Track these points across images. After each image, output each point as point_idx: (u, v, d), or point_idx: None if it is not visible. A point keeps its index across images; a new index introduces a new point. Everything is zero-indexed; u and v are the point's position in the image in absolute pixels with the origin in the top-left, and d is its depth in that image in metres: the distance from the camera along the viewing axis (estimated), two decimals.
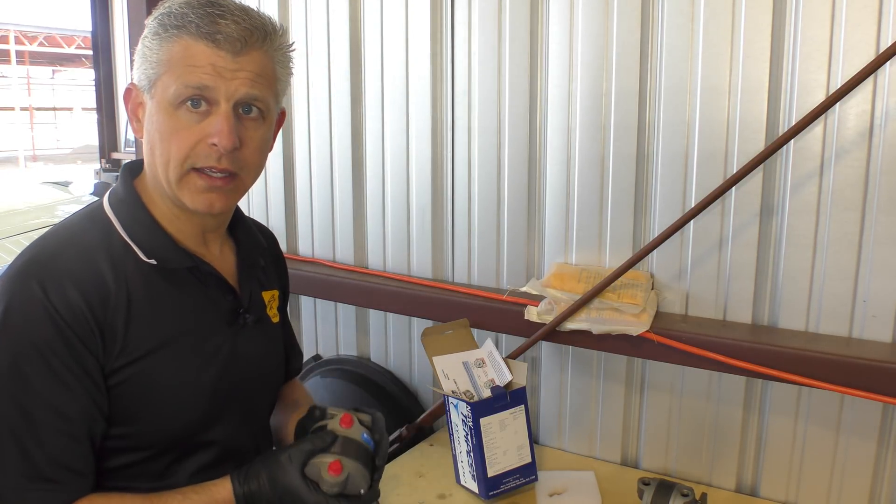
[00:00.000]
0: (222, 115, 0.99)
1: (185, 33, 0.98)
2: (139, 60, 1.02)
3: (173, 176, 1.01)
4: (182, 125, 0.99)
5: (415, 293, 1.90)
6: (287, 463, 1.01)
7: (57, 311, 0.94)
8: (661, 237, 1.59)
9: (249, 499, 1.01)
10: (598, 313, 1.62)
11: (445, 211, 1.97)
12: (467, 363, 1.66)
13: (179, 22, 0.98)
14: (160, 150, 1.01)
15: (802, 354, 1.43)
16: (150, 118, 1.02)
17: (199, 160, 1.00)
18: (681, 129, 1.60)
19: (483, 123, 1.85)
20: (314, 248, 2.22)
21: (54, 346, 0.94)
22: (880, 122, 1.41)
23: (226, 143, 0.99)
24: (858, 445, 1.53)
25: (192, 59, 0.98)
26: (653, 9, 1.60)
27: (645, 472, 1.76)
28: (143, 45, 1.02)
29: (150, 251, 1.03)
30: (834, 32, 1.43)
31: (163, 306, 1.03)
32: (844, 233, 1.47)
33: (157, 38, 1.00)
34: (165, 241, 1.05)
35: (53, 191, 5.57)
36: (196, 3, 0.99)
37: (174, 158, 1.00)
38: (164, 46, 0.99)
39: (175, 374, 1.03)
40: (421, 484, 1.67)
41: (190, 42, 0.98)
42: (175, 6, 1.00)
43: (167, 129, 0.99)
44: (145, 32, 1.02)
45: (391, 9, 1.95)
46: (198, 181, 1.01)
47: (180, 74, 0.98)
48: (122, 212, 1.05)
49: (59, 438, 0.95)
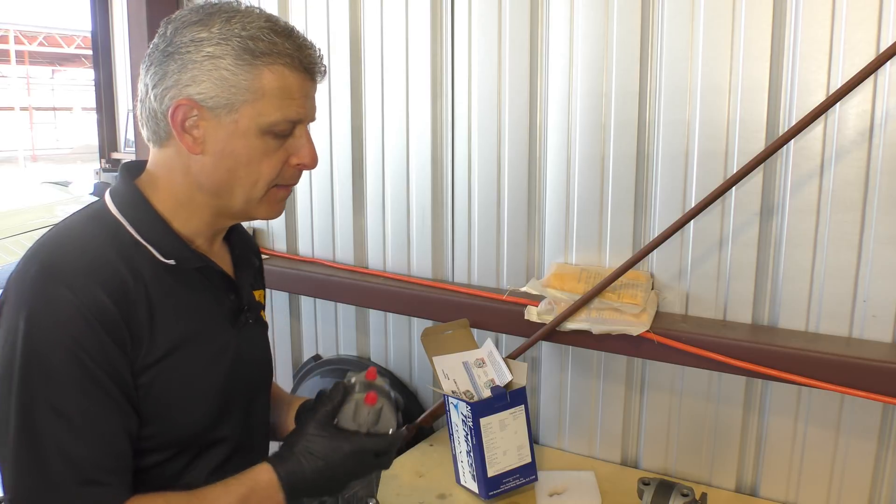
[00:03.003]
0: (307, 138, 1.07)
1: (280, 62, 1.00)
2: (210, 80, 0.99)
3: (258, 194, 1.06)
4: (270, 149, 1.03)
5: (415, 293, 1.90)
6: (318, 431, 1.07)
7: (90, 312, 0.94)
8: (661, 237, 1.59)
9: (292, 477, 1.04)
10: (598, 313, 1.62)
11: (445, 211, 1.97)
12: (467, 363, 1.66)
13: (271, 49, 0.99)
14: (246, 172, 1.03)
15: (802, 354, 1.43)
16: (228, 139, 1.01)
17: (283, 179, 1.07)
18: (681, 129, 1.60)
19: (483, 123, 1.85)
20: (314, 248, 2.22)
21: (89, 347, 0.94)
22: (880, 122, 1.41)
23: (314, 164, 1.08)
24: (858, 445, 1.53)
25: (290, 92, 1.02)
26: (653, 9, 1.60)
27: (645, 472, 1.76)
28: (214, 66, 0.99)
29: (167, 252, 1.04)
30: (834, 32, 1.43)
31: (178, 306, 1.04)
32: (844, 233, 1.47)
33: (242, 63, 0.99)
34: (179, 241, 1.06)
35: (53, 191, 5.58)
36: (278, 30, 1.01)
37: (263, 180, 1.05)
38: (253, 73, 0.99)
39: (192, 373, 1.05)
40: (421, 484, 1.67)
41: (286, 72, 1.01)
42: (254, 30, 0.99)
43: (256, 153, 1.03)
44: (212, 52, 0.98)
45: (391, 9, 1.95)
46: (278, 194, 1.09)
47: (279, 107, 1.01)
48: (130, 213, 1.05)
49: (100, 441, 0.95)
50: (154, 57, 1.02)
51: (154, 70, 1.02)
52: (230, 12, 1.01)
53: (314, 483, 1.06)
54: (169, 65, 1.00)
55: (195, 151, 1.02)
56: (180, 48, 0.99)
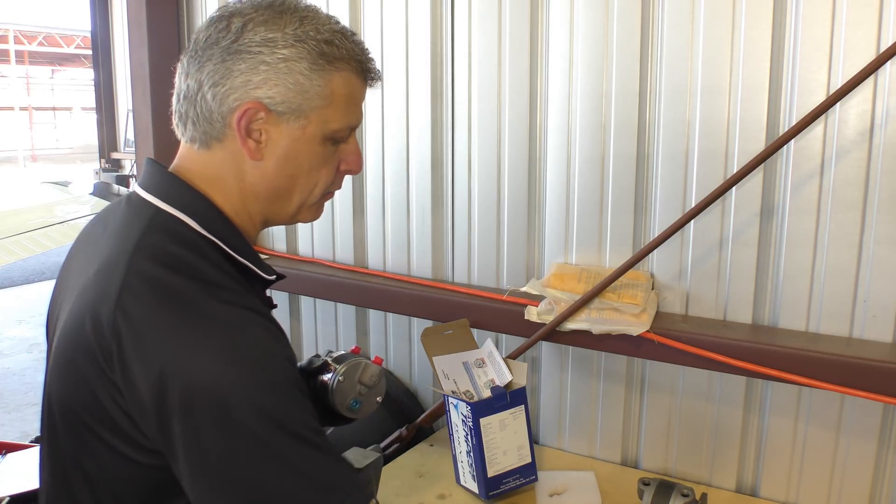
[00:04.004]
0: (356, 144, 1.06)
1: (348, 68, 0.99)
2: (282, 84, 0.94)
3: (314, 200, 1.05)
4: (329, 154, 1.03)
5: (415, 293, 1.90)
6: None
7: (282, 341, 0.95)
8: (661, 237, 1.59)
9: None
10: (598, 313, 1.62)
11: (445, 211, 1.97)
12: (467, 363, 1.66)
13: (342, 54, 0.97)
14: (307, 179, 1.02)
15: (802, 354, 1.43)
16: (294, 145, 0.98)
17: (334, 186, 1.07)
18: (681, 129, 1.60)
19: (483, 123, 1.85)
20: (314, 248, 2.22)
21: (300, 387, 0.93)
22: (881, 121, 1.41)
23: (360, 170, 1.08)
24: (859, 446, 1.53)
25: (355, 98, 1.02)
26: (653, 9, 1.60)
27: (645, 472, 1.76)
28: (288, 69, 0.94)
29: (265, 268, 1.04)
30: (834, 32, 1.42)
31: (274, 322, 1.02)
32: (845, 233, 1.47)
33: (317, 68, 0.96)
34: (257, 255, 1.04)
35: (53, 191, 5.57)
36: (347, 34, 0.99)
37: (320, 186, 1.04)
38: (326, 79, 0.97)
39: None
40: (421, 484, 1.67)
41: (352, 78, 1.00)
42: (330, 35, 0.97)
43: (318, 159, 1.02)
44: (286, 54, 0.94)
45: (391, 9, 1.95)
46: (323, 199, 1.08)
47: (345, 114, 1.00)
48: (218, 230, 0.97)
49: (331, 492, 0.89)
50: (212, 53, 0.95)
51: (214, 67, 0.95)
52: (301, 12, 0.97)
53: None
54: (235, 63, 0.94)
55: (256, 157, 0.98)
56: (250, 47, 0.94)
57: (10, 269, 7.07)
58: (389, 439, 1.84)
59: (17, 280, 7.17)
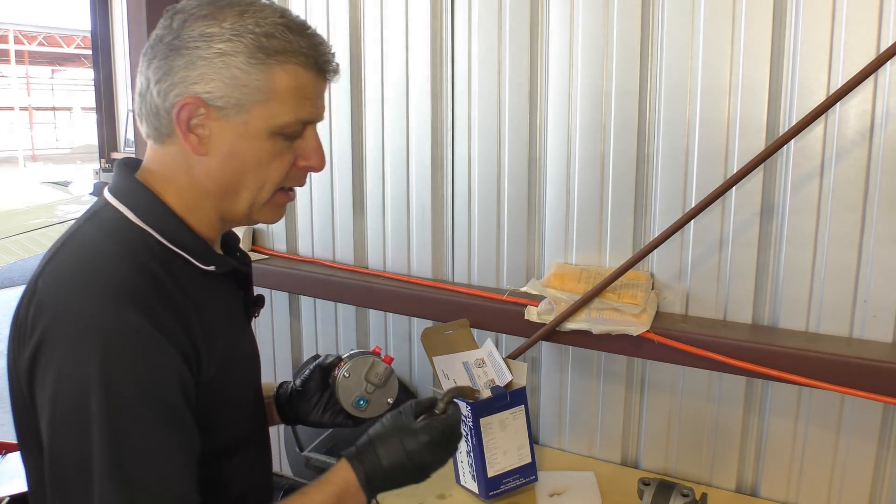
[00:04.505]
0: (316, 138, 1.03)
1: (294, 61, 0.95)
2: (220, 79, 0.94)
3: (264, 198, 1.01)
4: (279, 150, 0.99)
5: (415, 293, 1.90)
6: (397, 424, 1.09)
7: (164, 335, 0.89)
8: (661, 237, 1.59)
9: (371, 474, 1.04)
10: (598, 313, 1.62)
11: (445, 211, 1.97)
12: (467, 363, 1.66)
13: (285, 47, 0.94)
14: (254, 175, 0.99)
15: (802, 354, 1.43)
16: (237, 141, 0.97)
17: (289, 182, 1.03)
18: (681, 129, 1.60)
19: (483, 123, 1.85)
20: (314, 248, 2.22)
21: (167, 375, 0.89)
22: (881, 121, 1.41)
23: (322, 165, 1.04)
24: (859, 446, 1.53)
25: (304, 91, 0.98)
26: (653, 9, 1.60)
27: (645, 472, 1.76)
28: (224, 64, 0.93)
29: (204, 258, 1.01)
30: (834, 32, 1.42)
31: (219, 314, 1.01)
32: (845, 233, 1.47)
33: (255, 62, 0.94)
34: (207, 247, 1.02)
35: (53, 191, 5.57)
36: (293, 26, 0.96)
37: (270, 183, 1.01)
38: (266, 73, 0.94)
39: (237, 377, 1.05)
40: (421, 484, 1.67)
41: (300, 71, 0.96)
42: (269, 27, 0.94)
43: (266, 155, 0.98)
44: (223, 48, 0.93)
45: (391, 9, 1.95)
46: (281, 198, 1.05)
47: (293, 107, 0.97)
48: (155, 221, 0.98)
49: (190, 473, 0.90)
50: (158, 50, 0.96)
51: (158, 64, 0.95)
52: (242, 6, 0.95)
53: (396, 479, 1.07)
54: (175, 59, 0.94)
55: (199, 152, 0.97)
56: (188, 42, 0.93)
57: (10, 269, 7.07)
58: None
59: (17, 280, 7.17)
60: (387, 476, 1.05)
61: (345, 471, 1.04)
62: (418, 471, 1.08)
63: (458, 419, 1.13)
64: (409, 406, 1.13)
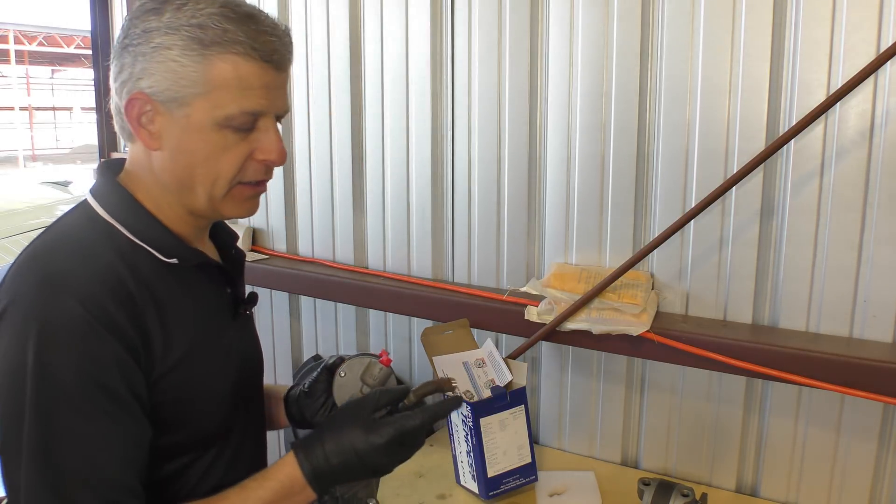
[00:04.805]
0: (273, 132, 1.00)
1: (231, 52, 0.93)
2: (159, 73, 0.94)
3: (220, 192, 1.00)
4: (229, 144, 0.98)
5: (415, 293, 1.90)
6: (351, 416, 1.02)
7: (101, 325, 0.89)
8: (661, 237, 1.59)
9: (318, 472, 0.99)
10: (598, 313, 1.62)
11: (445, 211, 1.97)
12: (467, 363, 1.66)
13: (221, 38, 0.93)
14: (204, 169, 0.98)
15: (802, 354, 1.43)
16: (184, 135, 0.97)
17: (247, 176, 1.01)
18: (681, 129, 1.60)
19: (483, 123, 1.85)
20: (314, 248, 2.22)
21: (104, 363, 0.90)
22: (881, 121, 1.41)
23: (281, 160, 1.01)
24: (859, 446, 1.53)
25: (245, 82, 0.95)
26: (653, 9, 1.60)
27: (645, 472, 1.76)
28: (162, 57, 0.94)
29: (168, 251, 1.01)
30: (834, 32, 1.42)
31: (185, 307, 1.02)
32: (845, 233, 1.47)
33: (190, 54, 0.93)
34: (176, 240, 1.03)
35: (53, 191, 5.58)
36: (233, 17, 0.94)
37: (223, 177, 0.99)
38: (203, 65, 0.93)
39: (208, 374, 1.04)
40: (421, 484, 1.67)
41: (239, 62, 0.94)
42: (204, 18, 0.93)
43: (214, 149, 0.97)
44: (161, 42, 0.94)
45: (391, 8, 1.95)
46: (244, 192, 1.03)
47: (234, 98, 0.95)
48: (123, 216, 1.00)
49: (121, 461, 0.91)
50: (115, 50, 0.99)
51: (114, 64, 0.99)
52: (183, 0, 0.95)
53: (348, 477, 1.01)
54: (125, 58, 0.96)
55: (152, 147, 0.98)
56: (134, 40, 0.95)
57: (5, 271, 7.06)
58: None
59: None
60: (336, 474, 1.00)
61: (290, 466, 0.99)
62: (371, 472, 1.03)
63: (420, 421, 1.02)
64: (374, 396, 1.06)
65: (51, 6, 17.38)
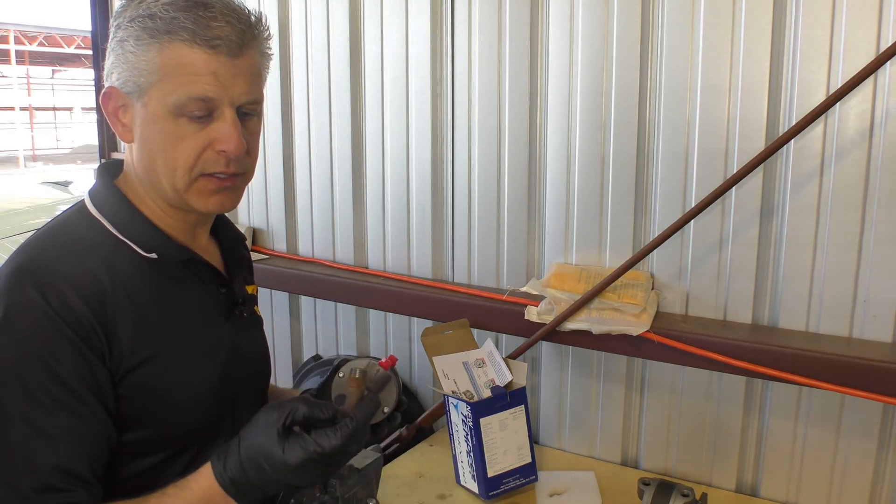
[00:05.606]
0: (229, 122, 0.98)
1: (178, 39, 0.95)
2: (121, 65, 0.98)
3: (181, 183, 1.00)
4: (185, 133, 0.98)
5: (415, 293, 1.90)
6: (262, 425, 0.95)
7: (59, 316, 0.92)
8: (661, 237, 1.59)
9: (237, 483, 0.94)
10: (598, 313, 1.62)
11: (445, 211, 1.97)
12: (467, 363, 1.66)
13: (169, 27, 0.95)
14: (163, 160, 0.99)
15: (802, 354, 1.43)
16: (144, 125, 0.99)
17: (207, 167, 1.00)
18: (681, 129, 1.60)
19: (483, 123, 1.85)
20: (314, 248, 2.22)
21: (58, 352, 0.92)
22: (881, 121, 1.41)
23: (236, 150, 0.99)
24: (859, 446, 1.52)
25: (191, 68, 0.95)
26: (653, 8, 1.60)
27: (645, 472, 1.76)
28: (122, 50, 0.98)
29: (148, 246, 1.02)
30: (834, 32, 1.42)
31: (163, 302, 1.02)
32: (845, 233, 1.47)
33: (142, 44, 0.96)
34: (160, 235, 1.04)
35: (53, 191, 5.57)
36: (184, 4, 0.95)
37: (181, 167, 0.99)
38: (153, 53, 0.96)
39: (184, 370, 1.03)
40: (421, 484, 1.67)
41: (185, 49, 0.95)
42: (156, 8, 0.95)
43: (170, 139, 0.98)
44: (122, 35, 0.98)
45: (391, 8, 1.95)
46: (208, 185, 1.02)
47: (180, 84, 0.96)
48: (109, 211, 1.04)
49: (67, 448, 0.92)
50: None
51: None
52: None
53: (269, 490, 0.97)
54: (106, 58, 1.01)
55: (126, 140, 1.02)
56: (110, 38, 1.00)
57: None
58: (389, 439, 1.84)
59: None
60: (257, 488, 0.95)
61: (206, 479, 0.95)
62: (293, 489, 1.00)
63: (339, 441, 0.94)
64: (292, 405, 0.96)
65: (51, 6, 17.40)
